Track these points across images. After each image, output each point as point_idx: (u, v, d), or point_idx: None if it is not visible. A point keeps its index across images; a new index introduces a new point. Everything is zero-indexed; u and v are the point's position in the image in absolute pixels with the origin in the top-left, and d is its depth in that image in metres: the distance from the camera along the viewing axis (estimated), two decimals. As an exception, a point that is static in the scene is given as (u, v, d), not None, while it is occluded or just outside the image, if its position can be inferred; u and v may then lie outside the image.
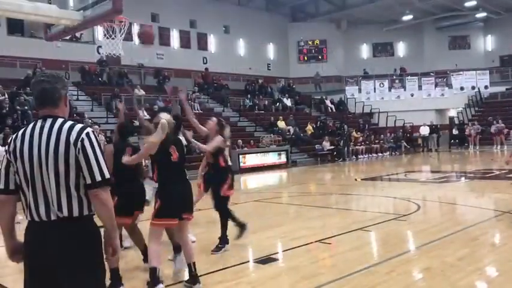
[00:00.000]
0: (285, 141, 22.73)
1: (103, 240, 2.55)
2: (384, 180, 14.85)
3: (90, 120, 17.21)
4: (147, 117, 6.88)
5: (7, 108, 16.74)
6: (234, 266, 5.32)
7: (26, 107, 17.08)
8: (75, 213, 2.42)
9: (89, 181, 2.42)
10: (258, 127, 24.37)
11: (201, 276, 4.69)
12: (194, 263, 4.60)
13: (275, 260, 5.62)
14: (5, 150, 2.54)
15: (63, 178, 2.41)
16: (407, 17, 32.88)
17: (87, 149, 2.43)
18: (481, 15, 32.44)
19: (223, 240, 6.05)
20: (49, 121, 2.49)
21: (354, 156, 23.78)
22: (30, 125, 2.53)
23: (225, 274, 5.10)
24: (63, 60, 22.34)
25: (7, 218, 2.55)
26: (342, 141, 23.84)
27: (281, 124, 24.61)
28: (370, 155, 24.67)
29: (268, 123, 24.58)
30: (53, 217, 2.41)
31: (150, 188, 6.15)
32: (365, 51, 36.69)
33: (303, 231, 7.22)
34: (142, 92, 22.75)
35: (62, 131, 2.44)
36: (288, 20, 35.25)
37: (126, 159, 4.72)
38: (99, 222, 2.54)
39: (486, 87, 30.70)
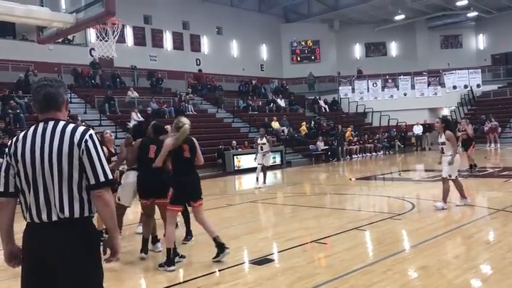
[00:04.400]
0: (279, 142, 22.74)
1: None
2: (378, 179, 14.89)
3: (83, 123, 17.11)
4: (141, 119, 7.03)
5: (-1, 112, 16.65)
6: (231, 267, 5.31)
7: (18, 111, 16.98)
8: (76, 214, 2.43)
9: (92, 182, 2.44)
10: (252, 128, 24.37)
11: (198, 278, 4.69)
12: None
13: (271, 260, 5.62)
14: (5, 153, 2.53)
15: (66, 179, 2.42)
16: (399, 17, 32.98)
17: (91, 150, 2.45)
18: (473, 14, 32.64)
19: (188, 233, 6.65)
20: (51, 124, 2.49)
21: (348, 156, 23.83)
22: (32, 128, 2.53)
23: (221, 276, 5.10)
24: (55, 63, 22.22)
25: (6, 221, 2.54)
26: (336, 141, 23.90)
27: (275, 125, 24.62)
28: (364, 155, 24.73)
29: (262, 124, 24.57)
30: (54, 218, 2.41)
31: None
32: (358, 51, 36.78)
33: (299, 231, 7.22)
34: (135, 94, 22.69)
35: (66, 132, 2.46)
36: (280, 21, 35.26)
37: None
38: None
39: (478, 85, 30.88)
